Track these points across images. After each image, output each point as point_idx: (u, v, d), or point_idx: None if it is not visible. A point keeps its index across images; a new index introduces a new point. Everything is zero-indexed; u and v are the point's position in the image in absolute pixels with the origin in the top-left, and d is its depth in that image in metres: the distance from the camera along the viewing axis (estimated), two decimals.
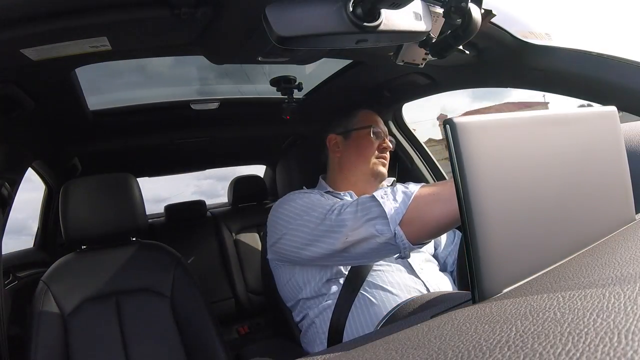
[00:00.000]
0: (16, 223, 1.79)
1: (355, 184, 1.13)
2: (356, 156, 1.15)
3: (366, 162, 1.13)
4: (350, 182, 1.14)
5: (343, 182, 1.14)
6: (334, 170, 1.18)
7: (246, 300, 2.38)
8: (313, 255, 0.89)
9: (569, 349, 0.25)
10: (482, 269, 0.39)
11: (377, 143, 1.14)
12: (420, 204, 0.76)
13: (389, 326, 0.43)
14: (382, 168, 1.14)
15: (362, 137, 1.15)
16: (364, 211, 0.80)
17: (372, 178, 1.13)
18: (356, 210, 0.82)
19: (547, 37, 1.06)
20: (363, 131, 1.16)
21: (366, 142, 1.14)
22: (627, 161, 0.60)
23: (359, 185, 1.13)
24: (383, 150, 1.15)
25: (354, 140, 1.16)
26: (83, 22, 0.71)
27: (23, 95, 1.02)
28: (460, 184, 0.39)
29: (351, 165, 1.15)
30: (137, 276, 1.20)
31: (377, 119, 1.19)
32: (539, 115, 0.51)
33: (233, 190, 2.52)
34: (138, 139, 1.81)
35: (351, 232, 0.81)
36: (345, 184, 1.14)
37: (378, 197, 0.80)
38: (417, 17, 0.58)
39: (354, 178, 1.14)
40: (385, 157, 1.15)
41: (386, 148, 1.15)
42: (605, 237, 0.52)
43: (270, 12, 0.50)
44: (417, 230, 0.76)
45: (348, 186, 1.13)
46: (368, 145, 1.14)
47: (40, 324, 1.05)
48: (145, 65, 1.39)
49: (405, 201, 0.76)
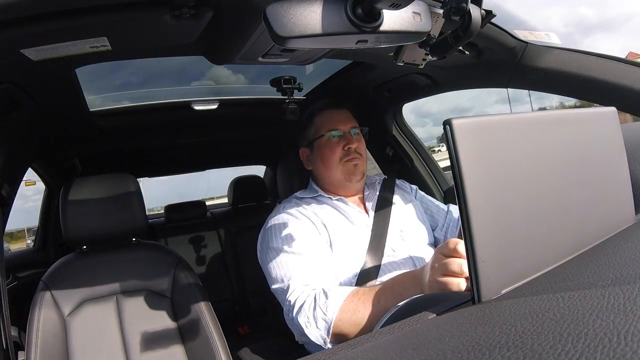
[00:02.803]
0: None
1: (338, 189, 1.11)
2: (324, 167, 1.10)
3: (335, 169, 1.08)
4: (333, 188, 1.11)
5: (328, 189, 1.12)
6: (316, 179, 1.16)
7: (246, 301, 2.38)
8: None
9: (569, 349, 0.25)
10: (481, 269, 0.39)
11: (340, 146, 1.07)
12: (340, 328, 0.82)
13: (389, 327, 0.43)
14: (353, 169, 1.08)
15: (323, 145, 1.09)
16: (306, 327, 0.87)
17: (347, 182, 1.09)
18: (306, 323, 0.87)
19: (547, 37, 1.06)
20: (322, 139, 1.09)
21: (327, 150, 1.08)
22: (627, 161, 0.60)
23: (341, 190, 1.10)
24: (348, 151, 1.07)
25: (317, 150, 1.11)
26: (83, 22, 0.71)
27: (23, 95, 1.02)
28: (460, 184, 0.39)
29: (324, 175, 1.11)
30: (137, 276, 1.20)
31: (335, 119, 1.11)
32: (539, 115, 0.51)
33: (233, 190, 2.52)
34: (138, 139, 1.81)
35: (300, 330, 0.87)
36: (331, 189, 1.12)
37: (301, 324, 0.85)
38: (417, 17, 0.58)
39: (333, 185, 1.11)
40: (354, 158, 1.07)
41: (351, 148, 1.07)
42: (605, 237, 0.52)
43: (270, 12, 0.50)
44: (341, 341, 0.82)
45: (334, 191, 1.11)
46: (330, 153, 1.08)
47: (40, 324, 1.05)
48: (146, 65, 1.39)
49: (328, 329, 0.83)
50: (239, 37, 0.81)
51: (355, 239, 1.01)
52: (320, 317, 0.84)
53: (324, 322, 0.84)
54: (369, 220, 1.06)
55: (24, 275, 1.70)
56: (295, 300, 0.88)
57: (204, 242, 2.50)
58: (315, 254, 0.96)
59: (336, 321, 0.82)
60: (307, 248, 0.96)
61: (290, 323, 0.91)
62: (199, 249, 2.48)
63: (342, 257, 0.99)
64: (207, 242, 2.50)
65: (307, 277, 0.91)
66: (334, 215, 1.06)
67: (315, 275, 0.92)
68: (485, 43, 1.02)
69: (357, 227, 1.04)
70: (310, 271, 0.92)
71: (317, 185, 1.14)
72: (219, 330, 1.15)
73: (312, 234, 1.00)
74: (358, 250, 1.00)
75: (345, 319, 0.82)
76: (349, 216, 1.06)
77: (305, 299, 0.87)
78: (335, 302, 0.83)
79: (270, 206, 2.52)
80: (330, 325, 0.83)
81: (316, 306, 0.85)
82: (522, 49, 1.02)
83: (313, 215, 1.04)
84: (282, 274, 0.94)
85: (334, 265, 0.97)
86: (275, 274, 0.96)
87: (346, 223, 1.05)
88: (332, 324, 0.83)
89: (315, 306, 0.85)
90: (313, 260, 0.95)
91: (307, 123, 1.15)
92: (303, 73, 1.36)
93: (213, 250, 2.48)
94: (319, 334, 0.84)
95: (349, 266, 0.98)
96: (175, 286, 1.20)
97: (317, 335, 0.84)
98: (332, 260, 0.98)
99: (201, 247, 2.49)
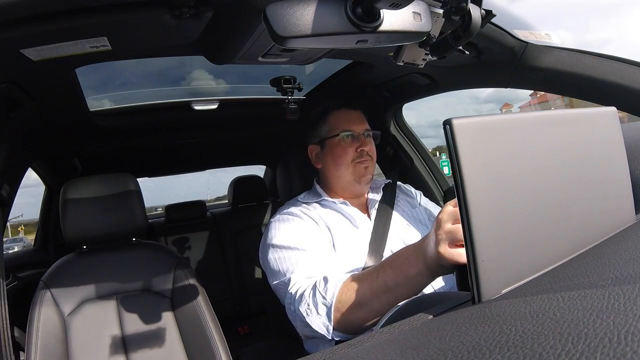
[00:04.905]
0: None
1: (344, 190, 1.10)
2: (334, 166, 1.09)
3: (345, 170, 1.07)
4: (339, 189, 1.11)
5: (334, 190, 1.12)
6: (323, 179, 1.15)
7: (246, 301, 2.38)
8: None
9: (569, 349, 0.25)
10: (481, 269, 0.39)
11: (353, 147, 1.07)
12: (342, 311, 0.80)
13: (389, 326, 0.43)
14: (363, 171, 1.08)
15: (335, 144, 1.09)
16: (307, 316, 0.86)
17: (357, 184, 1.08)
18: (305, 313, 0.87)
19: (547, 37, 1.06)
20: (335, 139, 1.09)
21: (340, 150, 1.08)
22: (627, 161, 0.59)
23: (347, 192, 1.10)
24: (361, 154, 1.07)
25: (329, 149, 1.10)
26: (83, 22, 0.71)
27: (23, 95, 1.02)
28: (460, 184, 0.39)
29: (332, 175, 1.11)
30: (137, 276, 1.20)
31: (349, 119, 1.11)
32: (539, 115, 0.51)
33: (233, 190, 2.52)
34: (138, 139, 1.81)
35: (302, 320, 0.86)
36: (337, 191, 1.11)
37: (303, 313, 0.84)
38: (417, 17, 0.58)
39: (340, 186, 1.10)
40: (365, 160, 1.07)
41: (364, 150, 1.07)
42: (605, 237, 0.52)
43: (270, 12, 0.50)
44: (345, 329, 0.82)
45: (340, 193, 1.11)
46: (342, 153, 1.07)
47: (40, 324, 1.05)
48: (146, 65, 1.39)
49: (329, 314, 0.81)
50: (239, 37, 0.81)
51: (357, 242, 1.01)
52: (320, 301, 0.82)
53: (324, 307, 0.82)
54: (370, 223, 1.06)
55: (24, 275, 1.70)
56: (296, 291, 0.88)
57: (204, 242, 2.51)
58: (318, 250, 0.96)
59: (336, 303, 0.80)
60: (309, 244, 0.96)
61: (292, 316, 0.89)
62: (199, 248, 2.49)
63: (344, 259, 0.98)
64: (207, 242, 2.51)
65: (309, 271, 0.91)
66: (337, 218, 1.05)
67: (317, 269, 0.91)
68: (485, 43, 1.02)
69: (360, 230, 1.04)
70: (312, 265, 0.92)
71: (322, 186, 1.14)
72: (219, 330, 1.15)
73: (315, 232, 1.00)
74: (359, 252, 1.00)
75: (344, 300, 0.79)
76: (353, 219, 1.05)
77: (305, 288, 0.86)
78: (334, 284, 0.82)
79: (270, 206, 2.53)
80: (331, 308, 0.80)
81: (316, 292, 0.84)
82: (522, 48, 1.02)
83: (317, 217, 1.04)
84: (284, 269, 0.94)
85: (336, 266, 0.97)
86: (277, 269, 0.95)
87: (349, 226, 1.04)
88: (332, 307, 0.80)
89: (315, 292, 0.84)
90: (315, 256, 0.94)
91: (319, 120, 1.14)
92: (303, 73, 1.36)
93: (213, 250, 2.48)
94: (321, 321, 0.82)
95: (350, 268, 0.98)
96: (175, 286, 1.20)
97: (319, 323, 0.82)
98: (334, 260, 0.97)
99: (201, 247, 2.49)
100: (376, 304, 0.76)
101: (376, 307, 0.76)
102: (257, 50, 0.85)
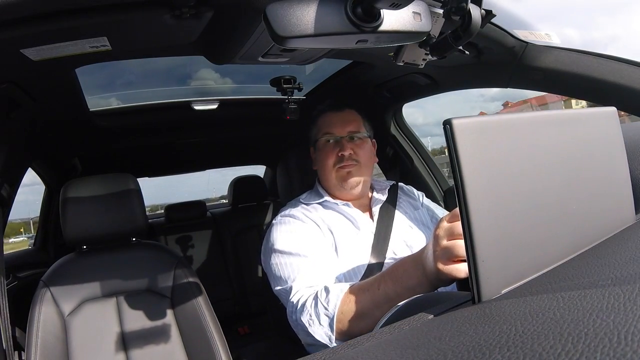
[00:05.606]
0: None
1: (340, 193, 1.09)
2: (321, 169, 1.09)
3: (329, 174, 1.06)
4: (334, 191, 1.09)
5: (330, 192, 1.10)
6: (320, 180, 1.14)
7: (246, 301, 2.38)
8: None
9: (569, 349, 0.25)
10: (481, 269, 0.39)
11: (335, 151, 1.05)
12: (344, 322, 0.80)
13: (389, 327, 0.43)
14: (345, 176, 1.05)
15: (321, 147, 1.08)
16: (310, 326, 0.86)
17: (342, 188, 1.06)
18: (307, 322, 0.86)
19: (547, 37, 1.06)
20: (321, 140, 1.08)
21: (322, 155, 1.07)
22: (627, 161, 0.59)
23: (340, 195, 1.09)
24: (342, 158, 1.04)
25: (319, 151, 1.10)
26: (83, 22, 0.71)
27: (23, 95, 1.02)
28: (460, 184, 0.39)
29: (322, 178, 1.11)
30: (138, 276, 1.20)
31: (331, 122, 1.08)
32: (539, 115, 0.51)
33: (233, 190, 2.52)
34: (138, 139, 1.81)
35: (304, 329, 0.86)
36: (332, 193, 1.10)
37: (305, 323, 0.84)
38: (417, 17, 0.58)
39: (331, 188, 1.09)
40: (347, 165, 1.04)
41: (344, 155, 1.04)
42: (605, 237, 0.52)
43: (270, 12, 0.50)
44: (347, 338, 0.81)
45: (337, 194, 1.09)
46: (324, 158, 1.07)
47: (40, 324, 1.05)
48: (146, 65, 1.39)
49: (331, 325, 0.81)
50: (239, 37, 0.81)
51: (360, 244, 1.01)
52: (322, 312, 0.83)
53: (326, 318, 0.82)
54: (373, 225, 1.06)
55: (24, 275, 1.70)
56: (298, 300, 0.88)
57: (204, 242, 2.51)
58: (320, 256, 0.95)
59: (338, 314, 0.81)
60: (311, 250, 0.96)
61: (294, 324, 0.90)
62: (199, 248, 2.49)
63: (346, 262, 0.98)
64: (207, 242, 2.51)
65: (310, 279, 0.91)
66: (340, 220, 1.05)
67: (319, 277, 0.91)
68: (485, 43, 1.02)
69: (363, 232, 1.04)
70: (314, 273, 0.92)
71: (323, 186, 1.14)
72: (219, 330, 1.15)
73: (317, 236, 1.00)
74: (362, 255, 0.99)
75: (347, 310, 0.80)
76: (355, 221, 1.05)
77: (307, 298, 0.87)
78: (336, 295, 0.82)
79: (270, 206, 2.53)
80: (333, 319, 0.81)
81: (318, 303, 0.84)
82: (522, 48, 1.02)
83: (319, 220, 1.03)
84: (285, 276, 0.94)
85: (338, 269, 0.97)
86: (279, 275, 0.95)
87: (352, 228, 1.04)
88: (334, 318, 0.81)
89: (317, 303, 0.84)
90: (317, 262, 0.94)
91: (311, 123, 1.15)
92: (303, 73, 1.36)
93: (213, 250, 2.48)
94: (323, 332, 0.83)
95: (352, 271, 0.98)
96: (175, 286, 1.20)
97: (322, 333, 0.83)
98: (336, 263, 0.97)
99: (201, 247, 2.49)
100: (378, 314, 0.76)
101: (378, 317, 0.76)
102: (257, 50, 0.85)
